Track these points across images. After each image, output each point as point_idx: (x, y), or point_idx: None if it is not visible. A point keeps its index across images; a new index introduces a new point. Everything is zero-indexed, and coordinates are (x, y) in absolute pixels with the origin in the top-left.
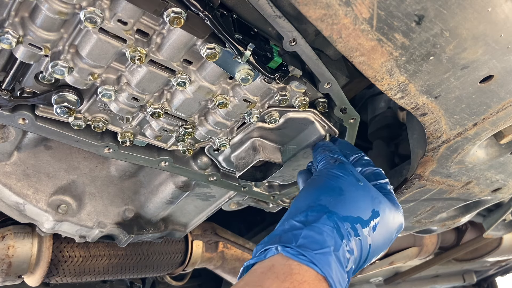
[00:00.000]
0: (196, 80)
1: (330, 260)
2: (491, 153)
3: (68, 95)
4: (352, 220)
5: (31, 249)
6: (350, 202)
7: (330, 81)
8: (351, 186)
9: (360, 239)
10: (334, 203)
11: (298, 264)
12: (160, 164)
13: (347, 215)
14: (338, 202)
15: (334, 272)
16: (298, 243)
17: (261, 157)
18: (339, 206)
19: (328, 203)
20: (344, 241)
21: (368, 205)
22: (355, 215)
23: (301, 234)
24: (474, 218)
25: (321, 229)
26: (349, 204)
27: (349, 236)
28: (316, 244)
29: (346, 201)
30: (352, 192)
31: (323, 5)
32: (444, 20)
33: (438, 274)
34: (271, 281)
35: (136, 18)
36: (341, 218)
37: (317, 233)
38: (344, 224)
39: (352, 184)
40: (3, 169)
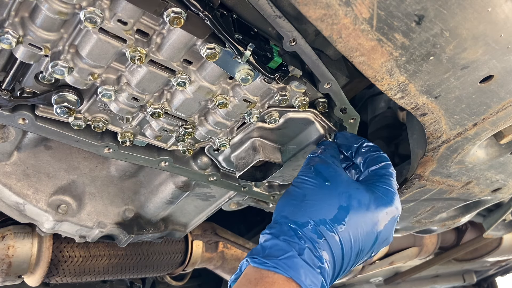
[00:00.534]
0: (196, 80)
1: (296, 263)
2: (491, 153)
3: (68, 95)
4: (313, 223)
5: (31, 249)
6: (310, 206)
7: (330, 81)
8: (315, 189)
9: (326, 239)
10: (294, 212)
11: (267, 270)
12: (160, 164)
13: (307, 221)
14: (298, 209)
15: (302, 273)
16: (265, 253)
17: (261, 157)
18: (299, 214)
19: (289, 213)
20: (308, 244)
21: (332, 203)
22: (316, 218)
23: (268, 246)
24: (474, 218)
25: (284, 238)
26: (309, 209)
27: (312, 239)
28: (280, 251)
29: (306, 207)
30: (314, 195)
31: (323, 5)
32: (444, 20)
33: (438, 274)
34: (245, 286)
35: (136, 18)
36: (300, 224)
37: (281, 241)
38: (304, 230)
39: (316, 186)
40: (3, 169)
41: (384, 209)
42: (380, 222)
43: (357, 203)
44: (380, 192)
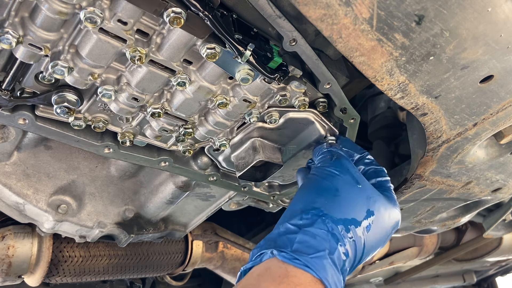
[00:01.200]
0: (196, 80)
1: (325, 263)
2: (491, 153)
3: (68, 95)
4: (346, 222)
5: (31, 249)
6: (344, 203)
7: (330, 81)
8: (346, 185)
9: (354, 240)
10: (328, 205)
11: (294, 267)
12: (160, 164)
13: (341, 218)
14: (332, 203)
15: (329, 275)
16: (293, 247)
17: (261, 157)
18: (333, 208)
19: (322, 205)
20: (339, 243)
21: (363, 205)
22: (349, 217)
23: (295, 239)
24: (474, 218)
25: (315, 233)
26: (343, 205)
27: (344, 238)
28: (311, 249)
29: (340, 202)
30: (347, 192)
31: (323, 5)
32: (444, 20)
33: (438, 274)
34: (268, 283)
35: (136, 18)
36: (335, 221)
37: (312, 237)
38: (338, 226)
39: (348, 183)
40: (3, 169)
41: (397, 218)
42: (391, 230)
43: (381, 210)
44: (392, 203)
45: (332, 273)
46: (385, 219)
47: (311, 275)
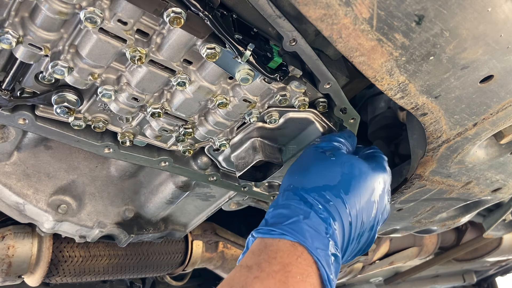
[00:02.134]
0: (196, 80)
1: (301, 226)
2: (491, 153)
3: (68, 95)
4: (318, 189)
5: (31, 249)
6: (315, 174)
7: (330, 81)
8: (316, 160)
9: (333, 203)
10: (300, 180)
11: (271, 239)
12: (160, 164)
13: (312, 186)
14: (303, 177)
15: (308, 236)
16: (269, 222)
17: (261, 157)
18: (304, 181)
19: (294, 181)
20: (313, 208)
21: (336, 171)
22: (321, 184)
23: (270, 215)
24: (474, 218)
25: (288, 204)
26: (314, 175)
27: (318, 203)
28: (284, 218)
29: (311, 173)
30: (317, 164)
31: (323, 5)
32: (444, 20)
33: (438, 274)
34: (248, 258)
35: (136, 18)
36: (306, 190)
37: (285, 208)
38: (310, 194)
39: (318, 158)
40: (3, 169)
41: (380, 176)
42: (376, 190)
43: (358, 171)
44: (375, 163)
45: (312, 234)
46: (364, 178)
47: (289, 241)
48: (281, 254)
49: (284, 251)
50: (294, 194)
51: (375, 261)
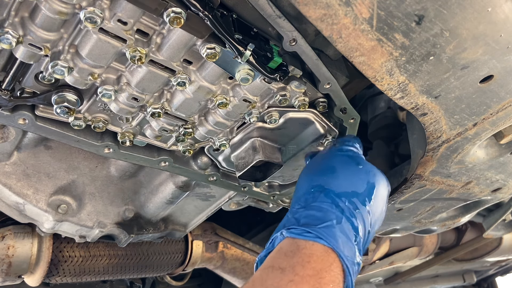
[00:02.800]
0: (196, 80)
1: (335, 232)
2: (491, 153)
3: (68, 95)
4: (347, 194)
5: (31, 249)
6: (343, 178)
7: (330, 81)
8: (343, 163)
9: (360, 211)
10: (328, 181)
11: (304, 241)
12: (160, 164)
13: (342, 191)
14: (331, 180)
15: (340, 243)
16: (301, 223)
17: (261, 157)
18: (333, 184)
19: (323, 182)
20: (344, 214)
21: (362, 179)
22: (349, 190)
23: (302, 215)
24: (474, 218)
25: (320, 206)
26: (342, 180)
27: (349, 209)
28: (318, 220)
29: (339, 177)
30: (345, 169)
31: (323, 5)
32: (444, 20)
33: (438, 274)
34: (281, 260)
35: (136, 18)
36: (337, 194)
37: (317, 210)
38: (341, 199)
39: (345, 162)
40: (3, 169)
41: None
42: (386, 199)
43: (380, 181)
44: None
45: (343, 240)
46: (383, 189)
47: (322, 245)
48: (315, 259)
49: (318, 256)
50: (326, 196)
51: (375, 261)
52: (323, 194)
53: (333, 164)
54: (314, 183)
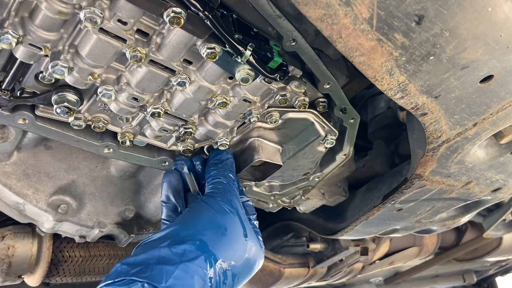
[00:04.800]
0: (196, 80)
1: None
2: (491, 153)
3: (68, 95)
4: (226, 264)
5: (31, 249)
6: (229, 245)
7: (330, 81)
8: (234, 227)
9: (226, 283)
10: (215, 242)
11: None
12: (160, 164)
13: (224, 259)
14: (219, 242)
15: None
16: (167, 283)
17: (260, 157)
18: (220, 247)
19: (209, 240)
20: (211, 284)
21: (243, 251)
22: (230, 260)
23: (173, 273)
24: (474, 218)
25: (194, 271)
26: (228, 247)
27: (220, 279)
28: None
29: (226, 242)
30: (234, 234)
31: (323, 5)
32: (444, 20)
33: (438, 274)
34: None
35: (136, 18)
36: (217, 260)
37: (190, 275)
38: (217, 267)
39: (235, 225)
40: (3, 169)
41: (261, 263)
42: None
43: (257, 259)
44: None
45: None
46: (256, 267)
47: None
48: None
49: None
50: (206, 260)
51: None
52: (203, 256)
53: (224, 223)
54: (200, 236)
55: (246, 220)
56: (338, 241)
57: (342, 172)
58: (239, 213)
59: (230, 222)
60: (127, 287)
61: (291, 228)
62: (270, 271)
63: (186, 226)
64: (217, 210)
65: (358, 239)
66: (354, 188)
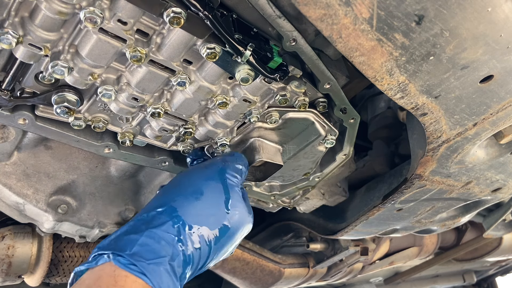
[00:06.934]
0: (196, 80)
1: (163, 270)
2: (491, 153)
3: (68, 95)
4: (197, 229)
5: (31, 249)
6: (202, 210)
7: (330, 81)
8: (213, 192)
9: (200, 248)
10: (185, 207)
11: (125, 275)
12: (160, 164)
13: (195, 223)
14: (190, 206)
15: (165, 282)
16: (132, 250)
17: (261, 157)
18: (189, 212)
19: (180, 205)
20: (183, 249)
21: (221, 217)
22: (202, 225)
23: (138, 241)
24: (474, 218)
25: (161, 237)
26: (200, 211)
27: (191, 244)
28: (151, 253)
29: (198, 207)
30: (210, 199)
31: (323, 5)
32: (444, 20)
33: (438, 274)
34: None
35: (136, 18)
36: (186, 225)
37: (156, 241)
38: (187, 232)
39: (214, 190)
40: (3, 169)
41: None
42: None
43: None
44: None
45: (168, 280)
46: (240, 234)
47: (143, 283)
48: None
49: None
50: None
51: (375, 261)
52: (171, 221)
53: (203, 188)
54: (171, 203)
55: (233, 187)
56: (338, 241)
57: (342, 172)
58: (225, 179)
59: (209, 187)
60: (95, 262)
61: (291, 228)
62: (270, 271)
63: (161, 196)
64: (198, 176)
65: (358, 239)
66: (354, 188)
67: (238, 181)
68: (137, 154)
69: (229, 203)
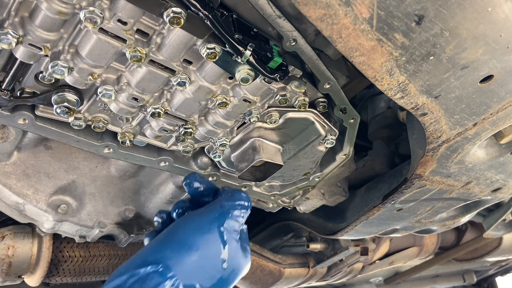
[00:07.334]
0: (196, 80)
1: None
2: (491, 153)
3: (68, 95)
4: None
5: (31, 249)
6: (198, 267)
7: (330, 81)
8: (209, 246)
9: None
10: (181, 265)
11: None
12: (160, 164)
13: (188, 282)
14: (186, 265)
15: None
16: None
17: (261, 157)
18: (185, 269)
19: (175, 264)
20: None
21: (216, 273)
22: (197, 282)
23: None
24: (474, 218)
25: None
26: (196, 268)
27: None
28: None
29: (195, 265)
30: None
31: (323, 5)
32: (444, 20)
33: (438, 274)
34: None
35: (136, 18)
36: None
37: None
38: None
39: (211, 244)
40: (3, 169)
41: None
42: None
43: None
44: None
45: None
46: (235, 280)
47: None
48: None
49: None
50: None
51: (375, 261)
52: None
53: (199, 243)
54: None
55: (231, 237)
56: (338, 241)
57: (342, 172)
58: (222, 232)
59: (205, 240)
60: None
61: (291, 228)
62: (270, 271)
63: (156, 248)
64: (194, 229)
65: (358, 239)
66: (354, 188)
67: (237, 227)
68: (137, 154)
69: (226, 258)
